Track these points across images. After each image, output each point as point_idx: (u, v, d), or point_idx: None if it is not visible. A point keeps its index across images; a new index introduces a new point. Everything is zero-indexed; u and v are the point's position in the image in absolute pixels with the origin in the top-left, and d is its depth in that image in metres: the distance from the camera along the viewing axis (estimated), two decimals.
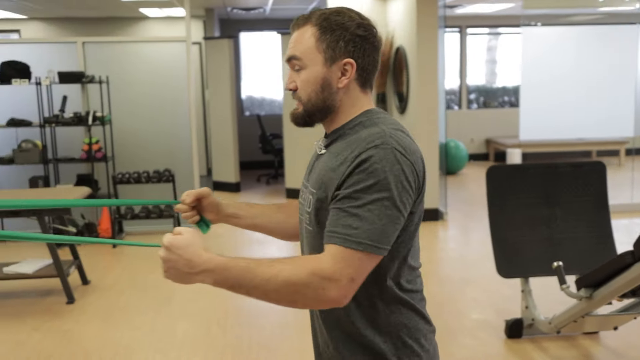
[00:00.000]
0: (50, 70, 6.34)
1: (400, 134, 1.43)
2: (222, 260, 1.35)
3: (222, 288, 1.36)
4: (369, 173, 1.34)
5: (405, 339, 1.48)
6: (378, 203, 1.33)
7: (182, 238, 1.36)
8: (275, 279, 1.31)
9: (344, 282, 1.31)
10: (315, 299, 1.33)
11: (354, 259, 1.32)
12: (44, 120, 6.35)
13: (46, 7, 9.02)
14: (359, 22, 1.48)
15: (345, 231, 1.32)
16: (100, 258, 6.00)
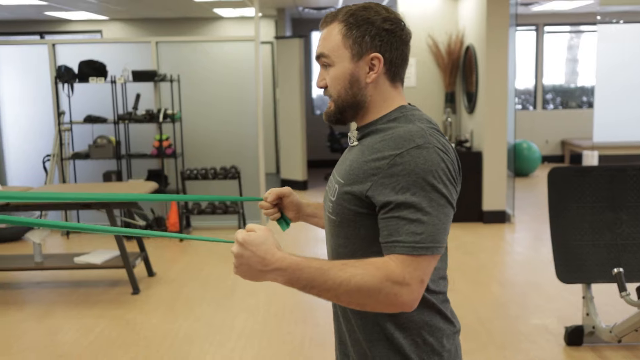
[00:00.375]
0: (124, 69, 6.59)
1: (436, 133, 1.44)
2: (295, 259, 1.34)
3: (293, 287, 1.36)
4: (417, 175, 1.34)
5: (426, 337, 1.48)
6: (434, 204, 1.34)
7: (256, 235, 1.36)
8: (348, 283, 1.32)
9: (415, 286, 1.33)
10: (386, 303, 1.33)
11: (422, 262, 1.33)
12: (118, 117, 6.61)
13: (126, 8, 9.36)
14: (386, 16, 1.47)
15: (411, 239, 1.32)
16: (167, 251, 6.19)
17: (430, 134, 1.41)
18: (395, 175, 1.36)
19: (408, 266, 1.32)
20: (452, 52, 7.82)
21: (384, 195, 1.36)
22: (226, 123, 6.97)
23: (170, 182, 6.93)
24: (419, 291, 1.34)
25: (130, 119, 6.59)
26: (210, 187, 6.86)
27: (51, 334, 4.20)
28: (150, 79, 6.61)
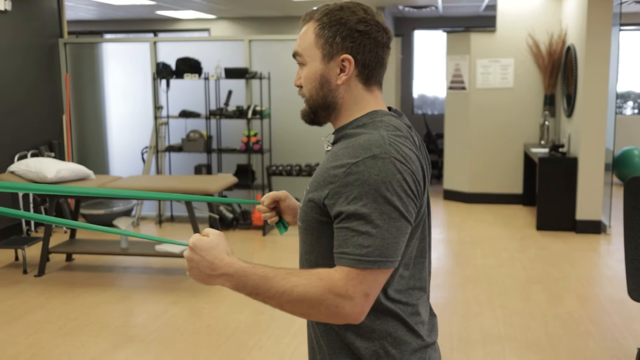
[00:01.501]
0: (217, 66, 6.82)
1: (399, 141, 1.38)
2: (242, 266, 1.35)
3: (240, 293, 1.36)
4: (369, 186, 1.30)
5: (389, 349, 1.43)
6: (385, 217, 1.30)
7: (207, 240, 1.37)
8: (290, 293, 1.31)
9: (358, 300, 1.30)
10: (328, 315, 1.32)
11: (368, 276, 1.30)
12: (210, 112, 6.86)
13: (231, 7, 9.68)
14: (361, 17, 1.43)
15: (357, 251, 1.29)
16: (248, 244, 6.35)
17: (391, 143, 1.35)
18: (349, 184, 1.32)
19: (352, 279, 1.29)
20: (553, 53, 7.48)
21: (338, 204, 1.33)
22: None
23: (257, 177, 7.10)
24: (363, 304, 1.31)
25: (221, 115, 6.82)
26: (295, 184, 6.96)
27: (125, 316, 4.44)
28: (242, 76, 6.80)
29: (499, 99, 7.81)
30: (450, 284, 5.10)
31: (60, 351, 3.88)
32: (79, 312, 4.52)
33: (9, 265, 5.58)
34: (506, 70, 7.73)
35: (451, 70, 8.03)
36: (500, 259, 5.69)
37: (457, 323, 4.26)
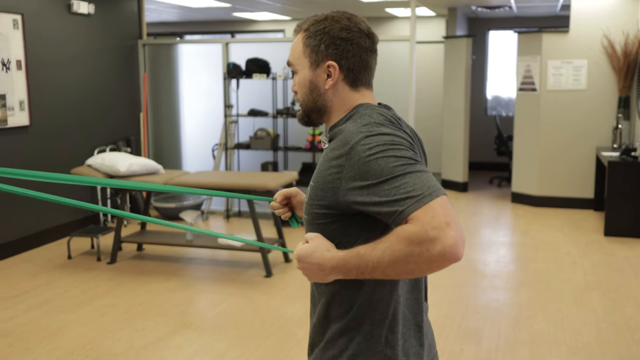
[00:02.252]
0: (285, 66, 7.01)
1: (378, 128, 1.45)
2: (340, 256, 1.40)
3: (353, 278, 1.42)
4: (369, 161, 1.38)
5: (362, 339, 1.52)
6: (400, 168, 1.36)
7: (306, 247, 1.45)
8: (383, 260, 1.34)
9: (443, 233, 1.28)
10: (429, 263, 1.30)
11: (435, 208, 1.30)
12: (277, 111, 7.06)
13: (304, 9, 9.88)
14: (344, 25, 1.54)
15: (409, 197, 1.32)
16: None
17: (369, 126, 1.45)
18: (351, 177, 1.40)
19: (424, 219, 1.29)
20: (628, 53, 7.26)
21: (357, 195, 1.39)
22: None
23: None
24: (452, 234, 1.28)
25: (287, 114, 7.01)
26: None
27: (184, 304, 4.67)
28: None
29: (571, 100, 7.63)
30: (506, 286, 5.07)
31: (122, 334, 4.14)
32: (143, 298, 4.80)
33: (85, 253, 5.95)
34: (579, 72, 7.55)
35: (522, 71, 7.92)
36: (561, 264, 5.60)
37: (506, 324, 4.26)
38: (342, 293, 1.52)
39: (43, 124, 6.18)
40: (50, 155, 6.26)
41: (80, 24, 6.66)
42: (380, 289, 1.51)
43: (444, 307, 4.56)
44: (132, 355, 3.83)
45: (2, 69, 5.69)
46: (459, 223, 1.32)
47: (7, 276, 5.31)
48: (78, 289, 5.00)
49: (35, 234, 6.10)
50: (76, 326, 4.26)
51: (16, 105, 5.86)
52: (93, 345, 3.97)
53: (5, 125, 5.74)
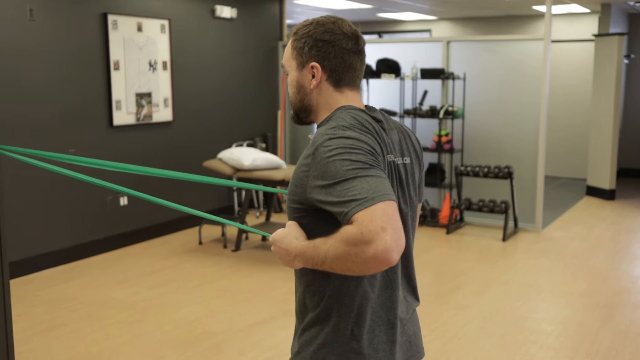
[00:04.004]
0: (413, 67, 7.04)
1: (343, 131, 1.51)
2: (302, 245, 1.50)
3: (312, 268, 1.50)
4: (327, 163, 1.45)
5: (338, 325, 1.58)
6: (353, 171, 1.42)
7: (279, 232, 1.56)
8: (327, 256, 1.42)
9: (377, 237, 1.33)
10: (364, 263, 1.36)
11: (374, 212, 1.35)
12: (404, 111, 7.11)
13: (450, 9, 9.80)
14: (327, 29, 1.62)
15: (352, 200, 1.38)
16: (431, 241, 6.48)
17: (335, 129, 1.51)
18: (314, 175, 1.48)
19: (362, 222, 1.35)
20: None
21: (317, 193, 1.48)
22: (508, 122, 6.91)
23: (447, 176, 7.18)
24: (385, 240, 1.33)
25: (414, 114, 7.03)
26: (481, 185, 6.92)
27: (290, 293, 4.90)
28: (437, 77, 6.93)
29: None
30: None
31: (225, 315, 4.46)
32: (254, 284, 5.10)
33: (215, 240, 6.41)
34: None
35: None
36: None
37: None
38: (314, 284, 1.61)
39: (185, 120, 6.74)
40: (190, 148, 6.81)
41: (223, 27, 7.15)
42: (347, 283, 1.57)
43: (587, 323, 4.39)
44: (229, 335, 4.12)
45: (150, 69, 6.30)
46: (398, 229, 1.36)
47: (144, 256, 5.88)
48: (200, 272, 5.42)
49: (173, 220, 6.67)
50: (189, 305, 4.64)
51: (161, 102, 6.46)
52: (198, 323, 4.32)
53: (150, 120, 6.35)
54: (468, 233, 6.75)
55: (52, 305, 4.64)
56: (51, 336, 4.11)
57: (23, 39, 5.18)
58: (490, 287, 5.04)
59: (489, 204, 6.58)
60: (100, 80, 5.84)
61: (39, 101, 5.33)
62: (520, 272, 5.48)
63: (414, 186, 1.72)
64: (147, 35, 6.24)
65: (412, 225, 1.72)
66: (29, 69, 5.25)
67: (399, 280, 1.66)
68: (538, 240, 6.49)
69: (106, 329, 4.21)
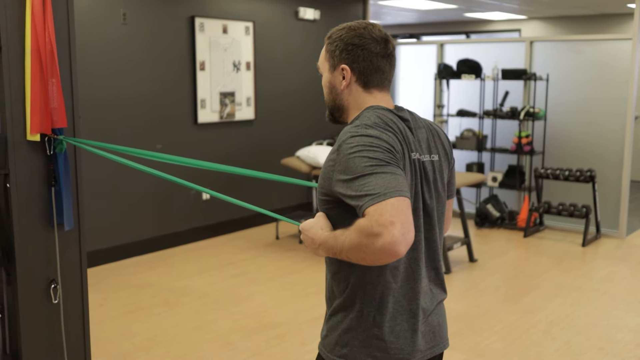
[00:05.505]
0: (494, 67, 6.97)
1: (366, 128, 1.60)
2: (325, 235, 1.60)
3: (333, 256, 1.60)
4: (347, 160, 1.55)
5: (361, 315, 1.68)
6: (370, 168, 1.51)
7: (308, 221, 1.66)
8: (345, 246, 1.52)
9: (385, 230, 1.41)
10: (373, 254, 1.45)
11: (385, 207, 1.44)
12: (484, 112, 7.05)
13: (539, 8, 9.58)
14: (357, 33, 1.72)
15: (366, 195, 1.48)
16: (507, 244, 6.41)
17: (358, 128, 1.61)
18: (338, 170, 1.58)
19: (372, 216, 1.44)
20: None
21: (338, 187, 1.58)
22: (592, 124, 6.71)
23: (527, 179, 7.06)
24: (393, 233, 1.41)
25: (494, 115, 6.96)
26: (562, 189, 6.76)
27: None
28: (518, 77, 6.83)
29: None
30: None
31: (292, 307, 4.63)
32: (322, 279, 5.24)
33: (292, 235, 6.61)
34: None
35: None
36: None
37: None
38: (340, 273, 1.72)
39: (267, 119, 6.98)
40: (271, 146, 7.05)
41: (307, 29, 7.35)
42: (369, 273, 1.67)
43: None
44: (293, 327, 4.28)
45: (234, 69, 6.57)
46: (407, 223, 1.44)
47: (224, 249, 6.15)
48: (274, 266, 5.63)
49: (253, 215, 6.93)
50: (260, 296, 4.85)
51: (243, 101, 6.72)
52: (266, 314, 4.51)
53: (233, 119, 6.63)
54: (547, 237, 6.61)
55: (135, 290, 4.97)
56: (131, 318, 4.41)
57: (117, 42, 5.57)
58: (561, 292, 4.95)
59: (569, 207, 6.42)
60: (187, 80, 6.17)
61: (130, 99, 5.70)
62: (596, 278, 5.34)
63: (442, 182, 1.80)
64: (232, 37, 6.52)
65: (439, 219, 1.79)
66: (122, 70, 5.62)
67: (423, 272, 1.74)
68: (620, 247, 6.28)
69: (181, 315, 4.48)
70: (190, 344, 4.02)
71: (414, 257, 1.71)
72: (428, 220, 1.74)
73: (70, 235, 2.79)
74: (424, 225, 1.73)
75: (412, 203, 1.66)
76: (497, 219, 6.91)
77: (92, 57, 5.40)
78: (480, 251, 6.05)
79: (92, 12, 5.39)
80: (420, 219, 1.70)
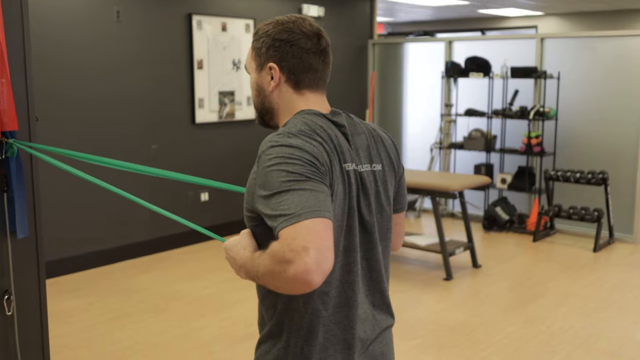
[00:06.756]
0: (503, 65, 6.72)
1: (287, 139, 1.41)
2: (246, 256, 1.43)
3: (252, 280, 1.42)
4: (265, 174, 1.37)
5: None
6: (288, 183, 1.33)
7: (231, 240, 1.50)
8: (259, 270, 1.35)
9: (297, 256, 1.24)
10: (286, 283, 1.28)
11: (298, 230, 1.26)
12: (493, 112, 6.81)
13: (555, 4, 9.30)
14: (286, 28, 1.53)
15: (280, 216, 1.30)
16: (515, 248, 6.17)
17: (280, 136, 1.42)
18: (259, 185, 1.39)
19: (285, 240, 1.27)
20: None
21: (259, 204, 1.39)
22: (605, 124, 6.43)
23: (537, 180, 6.80)
24: (306, 261, 1.24)
25: (503, 115, 6.72)
26: (572, 191, 6.50)
27: None
28: (528, 76, 6.58)
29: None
30: None
31: None
32: None
33: None
34: None
35: None
36: None
37: None
38: (267, 298, 1.53)
39: None
40: None
41: None
42: (296, 299, 1.47)
43: None
44: None
45: (233, 68, 6.42)
46: (323, 249, 1.26)
47: (220, 252, 5.97)
48: None
49: None
50: (249, 302, 4.69)
51: (244, 101, 6.57)
52: (253, 321, 4.30)
53: (233, 119, 6.47)
54: (557, 242, 6.36)
55: (124, 295, 4.84)
56: (115, 325, 4.28)
57: (110, 39, 5.44)
58: (567, 301, 4.72)
59: (580, 211, 6.16)
60: (184, 79, 6.02)
61: (124, 98, 5.57)
62: (606, 286, 5.09)
63: (387, 195, 1.61)
64: (232, 35, 6.36)
65: (384, 236, 1.61)
66: (116, 69, 5.49)
67: (360, 298, 1.54)
68: (634, 252, 6.01)
69: (167, 321, 4.33)
70: (172, 352, 3.88)
71: (349, 281, 1.51)
72: (368, 238, 1.54)
73: (26, 244, 2.65)
74: (362, 244, 1.53)
75: (345, 220, 1.48)
76: (506, 222, 6.67)
77: (84, 56, 5.28)
78: (486, 256, 5.83)
79: (84, 9, 5.27)
80: (356, 238, 1.51)
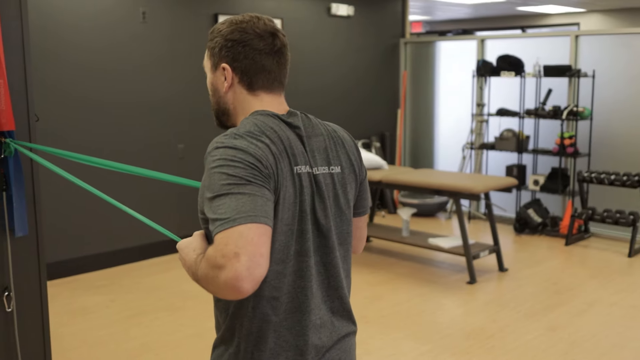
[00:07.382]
0: (536, 63, 6.55)
1: (232, 140, 1.39)
2: (192, 258, 1.40)
3: None
4: (210, 176, 1.36)
5: None
6: (227, 186, 1.31)
7: (184, 241, 1.47)
8: (199, 275, 1.34)
9: (229, 262, 1.23)
10: (219, 289, 1.28)
11: (230, 236, 1.25)
12: (525, 111, 6.64)
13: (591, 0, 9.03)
14: (239, 28, 1.50)
15: (216, 220, 1.29)
16: (544, 252, 6.01)
17: (226, 137, 1.39)
18: (205, 186, 1.37)
19: (218, 245, 1.26)
20: None
21: (205, 206, 1.37)
22: None
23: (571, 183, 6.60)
24: (236, 267, 1.23)
25: (536, 114, 6.55)
26: (608, 193, 6.28)
27: (372, 297, 4.76)
28: (561, 74, 6.40)
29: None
30: None
31: None
32: None
33: None
34: None
35: None
36: None
37: None
38: (219, 302, 1.52)
39: None
40: None
41: (339, 25, 7.12)
42: (245, 304, 1.45)
43: None
44: None
45: None
46: (255, 255, 1.24)
47: None
48: None
49: None
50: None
51: None
52: None
53: None
54: (591, 246, 6.16)
55: (144, 293, 4.89)
56: (132, 322, 4.32)
57: (136, 40, 5.50)
58: (593, 308, 4.56)
59: (614, 215, 5.94)
60: None
61: (151, 99, 5.63)
62: (636, 293, 4.90)
63: (346, 198, 1.57)
64: None
65: (343, 240, 1.56)
66: (143, 70, 5.56)
67: (314, 303, 1.50)
68: None
69: (181, 320, 4.36)
70: (183, 351, 3.90)
71: (301, 286, 1.47)
72: (324, 242, 1.51)
73: (27, 242, 2.69)
74: (318, 248, 1.50)
75: (297, 223, 1.44)
76: (539, 225, 6.50)
77: (110, 58, 5.35)
78: (514, 259, 5.69)
79: (110, 11, 5.35)
80: (309, 242, 1.47)
